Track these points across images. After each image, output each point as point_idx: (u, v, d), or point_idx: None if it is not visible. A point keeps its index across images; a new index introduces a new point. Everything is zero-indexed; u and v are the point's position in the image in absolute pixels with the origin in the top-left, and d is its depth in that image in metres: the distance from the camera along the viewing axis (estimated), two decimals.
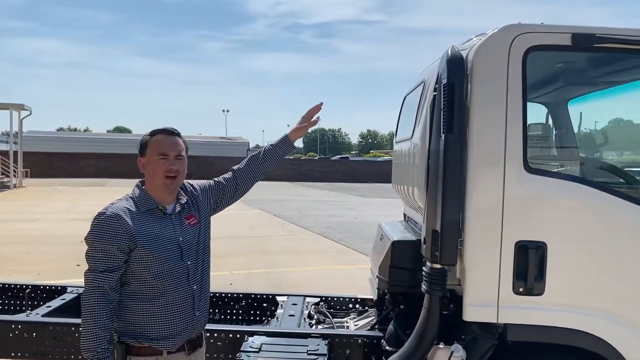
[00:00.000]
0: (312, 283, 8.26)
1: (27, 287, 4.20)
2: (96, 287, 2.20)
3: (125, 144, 51.31)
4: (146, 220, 2.32)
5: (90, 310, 2.20)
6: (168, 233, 2.36)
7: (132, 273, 2.29)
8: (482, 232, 2.64)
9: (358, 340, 3.27)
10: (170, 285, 2.32)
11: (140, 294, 2.30)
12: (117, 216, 2.25)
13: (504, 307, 2.65)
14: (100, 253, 2.23)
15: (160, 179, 2.36)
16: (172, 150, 2.39)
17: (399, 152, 3.90)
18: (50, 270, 8.43)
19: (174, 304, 2.34)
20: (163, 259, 2.30)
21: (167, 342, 2.33)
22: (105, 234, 2.23)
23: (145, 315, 2.30)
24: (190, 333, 2.43)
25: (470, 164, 2.63)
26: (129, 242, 2.24)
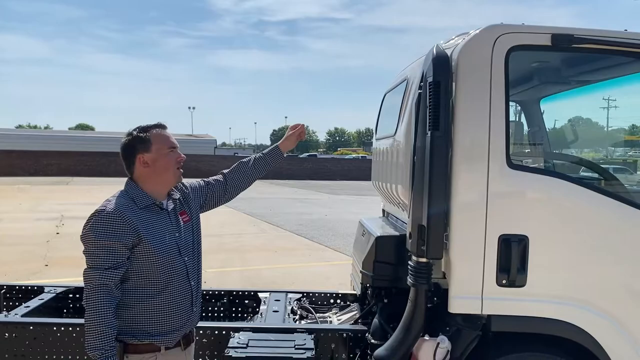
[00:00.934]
0: (287, 280, 8.28)
1: (2, 287, 4.11)
2: (102, 285, 2.19)
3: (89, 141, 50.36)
4: (146, 216, 2.33)
5: (96, 308, 2.18)
6: (166, 228, 2.38)
7: (134, 269, 2.29)
8: (467, 227, 2.72)
9: (343, 335, 3.32)
10: (171, 281, 2.34)
11: (141, 290, 2.30)
12: (119, 212, 2.24)
13: (487, 299, 2.73)
14: (104, 250, 2.21)
15: (172, 171, 2.40)
16: (175, 142, 2.45)
17: (379, 150, 3.95)
18: (17, 271, 8.21)
19: (174, 299, 2.36)
20: (165, 253, 2.32)
21: (166, 338, 2.35)
22: (108, 230, 2.21)
23: (145, 312, 2.31)
24: (188, 328, 2.47)
25: (455, 160, 2.70)
26: (133, 238, 2.24)
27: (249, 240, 12.39)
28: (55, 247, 10.48)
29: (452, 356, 2.76)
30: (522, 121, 3.97)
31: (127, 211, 2.27)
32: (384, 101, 4.19)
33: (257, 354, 2.94)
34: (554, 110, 4.09)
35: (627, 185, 3.32)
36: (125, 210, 2.27)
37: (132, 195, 2.36)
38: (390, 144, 3.48)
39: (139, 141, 2.37)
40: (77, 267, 2.65)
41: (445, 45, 2.93)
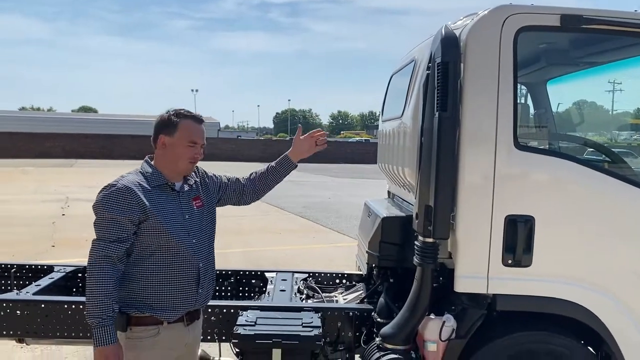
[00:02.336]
0: (291, 262, 8.35)
1: (12, 267, 4.16)
2: (105, 256, 2.25)
3: (92, 124, 50.36)
4: (157, 195, 2.39)
5: (97, 278, 2.24)
6: (175, 209, 2.45)
7: (141, 244, 2.36)
8: (473, 207, 2.74)
9: (349, 313, 3.36)
10: (176, 259, 2.40)
11: (146, 265, 2.37)
12: (128, 188, 2.31)
13: (493, 279, 2.76)
14: (110, 223, 2.28)
15: (184, 164, 2.46)
16: (201, 139, 2.49)
17: (385, 132, 3.96)
18: (24, 252, 8.30)
19: (178, 278, 2.42)
20: (171, 232, 2.37)
21: (168, 314, 2.41)
22: (116, 204, 2.28)
23: (149, 286, 2.38)
24: (192, 307, 2.52)
25: (462, 141, 2.72)
26: (140, 214, 2.31)
27: (253, 222, 12.46)
28: (61, 228, 10.57)
29: (458, 334, 2.81)
30: (529, 103, 3.98)
31: (137, 188, 2.33)
32: (391, 83, 4.19)
33: (265, 332, 2.98)
34: (560, 93, 4.09)
35: (634, 167, 3.34)
36: (135, 187, 2.33)
37: (145, 173, 2.44)
38: (397, 125, 3.49)
39: (168, 123, 2.45)
40: (83, 247, 2.69)
41: (454, 26, 2.93)
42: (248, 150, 44.70)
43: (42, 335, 3.33)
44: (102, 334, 2.23)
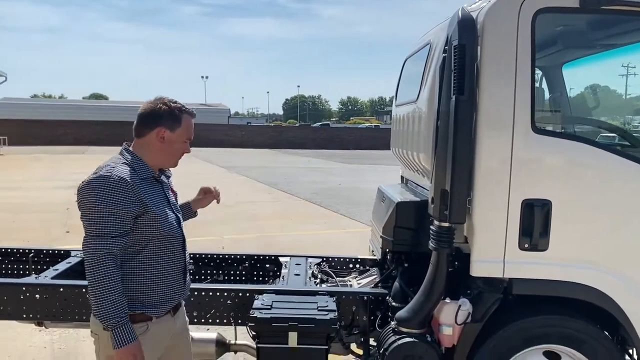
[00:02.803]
0: (303, 247, 8.38)
1: (30, 252, 4.21)
2: (108, 252, 2.13)
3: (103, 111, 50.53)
4: (147, 187, 2.30)
5: (106, 277, 2.12)
6: (163, 200, 2.40)
7: (135, 240, 2.25)
8: (490, 191, 2.73)
9: (364, 297, 3.38)
10: (169, 252, 2.36)
11: (136, 261, 2.28)
12: (125, 181, 2.19)
13: (509, 263, 2.76)
14: (110, 217, 2.14)
15: (176, 160, 2.43)
16: (192, 136, 2.45)
17: (399, 116, 3.94)
18: (39, 238, 8.40)
19: (169, 270, 2.38)
20: (167, 224, 2.34)
21: (158, 309, 2.36)
22: (116, 198, 2.15)
23: (140, 283, 2.29)
24: (179, 299, 2.50)
25: (479, 125, 2.70)
26: (139, 208, 2.21)
27: (264, 208, 12.50)
28: (75, 215, 10.50)
29: (474, 318, 2.81)
30: (544, 87, 3.94)
31: (132, 180, 2.22)
32: (404, 67, 4.16)
33: (281, 315, 3.00)
34: (575, 76, 4.04)
35: None
36: (130, 179, 2.21)
37: (131, 165, 2.30)
38: (411, 110, 3.47)
39: (171, 117, 2.33)
40: None
41: (471, 8, 2.89)
42: (258, 136, 44.72)
43: (61, 319, 3.38)
44: (124, 333, 2.14)
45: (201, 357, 3.55)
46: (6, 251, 4.25)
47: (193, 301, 3.31)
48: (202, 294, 3.34)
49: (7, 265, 4.23)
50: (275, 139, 44.66)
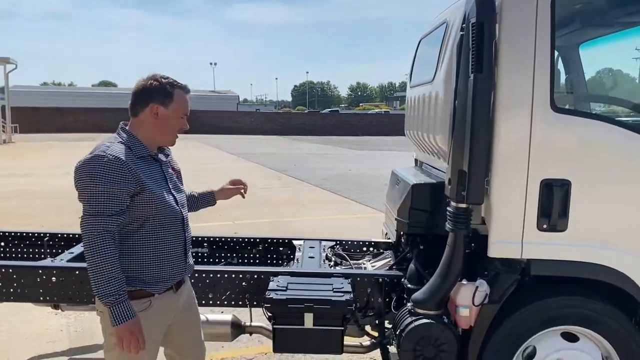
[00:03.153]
0: (315, 232, 8.38)
1: (45, 236, 4.24)
2: (105, 231, 2.14)
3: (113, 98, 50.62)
4: (144, 166, 2.31)
5: (104, 255, 2.13)
6: (162, 179, 2.41)
7: (132, 218, 2.26)
8: (508, 171, 2.70)
9: (379, 280, 3.37)
10: (168, 230, 2.36)
11: (135, 239, 2.29)
12: (120, 160, 2.19)
13: (527, 243, 2.73)
14: (107, 196, 2.16)
15: (172, 137, 2.42)
16: (188, 111, 2.44)
17: (414, 98, 3.90)
18: (51, 224, 8.45)
19: (169, 249, 2.37)
20: (165, 203, 2.33)
21: (159, 286, 2.37)
22: (110, 177, 2.16)
23: (139, 260, 2.30)
24: (180, 277, 2.50)
25: (498, 103, 2.66)
26: (135, 186, 2.22)
27: (275, 194, 12.52)
28: None
29: (491, 299, 2.80)
30: (562, 66, 3.87)
31: (128, 159, 2.22)
32: (419, 48, 4.10)
33: (296, 296, 3.00)
34: (593, 56, 3.97)
35: None
36: (126, 157, 2.22)
37: (128, 144, 2.31)
38: (427, 90, 3.43)
39: (162, 92, 2.33)
40: None
41: None
42: (267, 123, 44.67)
43: (77, 301, 3.40)
44: (121, 310, 2.16)
45: (217, 339, 3.57)
46: (21, 235, 4.27)
47: (208, 283, 3.33)
48: (218, 276, 3.35)
49: (22, 249, 4.26)
50: (284, 126, 44.58)
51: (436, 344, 2.83)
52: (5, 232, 4.32)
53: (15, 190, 12.17)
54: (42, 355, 4.11)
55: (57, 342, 4.35)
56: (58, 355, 4.11)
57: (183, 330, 2.63)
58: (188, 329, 2.67)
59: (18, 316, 4.78)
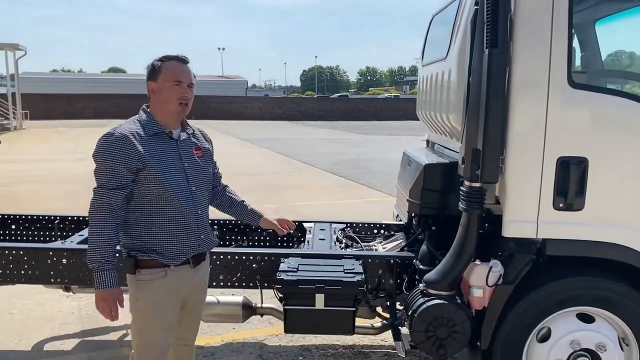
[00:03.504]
0: (325, 216, 8.31)
1: (55, 218, 4.24)
2: (104, 203, 2.30)
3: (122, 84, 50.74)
4: (153, 143, 2.40)
5: (97, 225, 2.30)
6: (173, 157, 2.45)
7: (140, 192, 2.37)
8: (524, 149, 2.64)
9: (390, 261, 3.33)
10: (173, 207, 2.40)
11: (146, 212, 2.39)
12: (125, 137, 2.32)
13: (543, 223, 2.68)
14: (109, 171, 2.31)
15: (174, 106, 2.43)
16: (186, 79, 2.45)
17: (426, 77, 3.83)
18: (63, 208, 8.47)
19: (179, 224, 2.43)
20: (170, 180, 2.38)
21: (171, 258, 2.43)
22: (113, 153, 2.30)
23: (151, 232, 2.40)
24: (194, 252, 2.53)
25: (513, 79, 2.59)
26: (137, 163, 2.32)
27: (285, 179, 12.49)
28: None
29: (505, 280, 2.75)
30: (578, 42, 3.78)
31: (134, 137, 2.34)
32: (431, 25, 4.02)
33: (307, 277, 2.98)
34: (608, 33, 3.87)
35: None
36: (132, 135, 2.34)
37: (142, 122, 2.44)
38: (440, 68, 3.36)
39: (151, 69, 2.45)
40: None
41: None
42: (276, 108, 44.55)
43: (88, 283, 3.40)
44: (102, 278, 2.30)
45: (227, 320, 3.56)
46: (32, 218, 4.28)
47: (219, 265, 3.31)
48: (229, 258, 3.33)
49: (33, 232, 4.28)
50: (293, 111, 44.46)
51: (449, 324, 2.79)
52: (16, 215, 4.34)
53: (27, 175, 12.25)
54: (54, 337, 4.13)
55: (69, 324, 4.37)
56: (70, 337, 4.13)
57: (194, 307, 2.69)
58: (197, 307, 2.72)
59: (31, 298, 4.81)
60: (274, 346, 4.00)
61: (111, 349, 3.96)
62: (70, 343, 4.04)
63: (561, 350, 2.77)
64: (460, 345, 2.83)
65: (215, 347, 3.97)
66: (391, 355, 3.84)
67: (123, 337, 4.15)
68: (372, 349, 3.96)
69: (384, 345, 4.01)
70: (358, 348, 3.95)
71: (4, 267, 3.36)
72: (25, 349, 3.94)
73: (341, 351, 3.91)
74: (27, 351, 3.90)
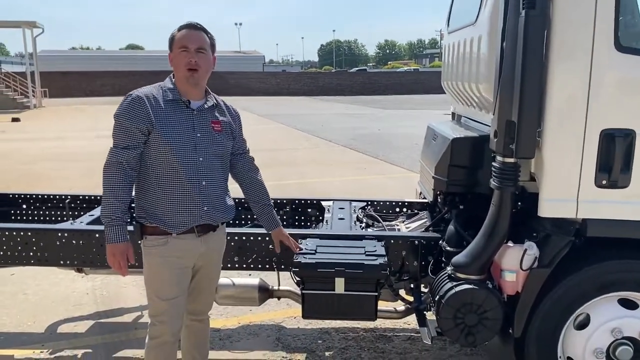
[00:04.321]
0: (344, 192, 8.17)
1: (66, 197, 4.12)
2: (115, 162, 2.36)
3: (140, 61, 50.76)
4: (168, 109, 2.42)
5: (108, 182, 2.36)
6: (186, 125, 2.44)
7: (148, 156, 2.41)
8: (564, 121, 2.39)
9: (415, 242, 3.14)
10: (178, 175, 2.41)
11: (151, 177, 2.43)
12: (139, 99, 2.37)
13: (584, 202, 2.45)
14: (122, 130, 2.38)
15: (182, 72, 2.42)
16: (192, 43, 2.42)
17: (453, 45, 3.57)
18: (81, 186, 8.45)
19: (181, 193, 2.43)
20: (175, 147, 2.39)
21: (173, 226, 2.44)
22: (128, 113, 2.36)
23: (154, 198, 2.44)
24: (198, 222, 2.49)
25: (553, 43, 2.34)
26: (147, 124, 2.36)
27: (303, 154, 12.31)
28: None
29: (540, 263, 2.54)
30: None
31: (148, 99, 2.38)
32: None
33: (326, 260, 2.80)
34: None
35: None
36: (146, 98, 2.38)
37: (163, 88, 2.48)
38: (468, 34, 3.10)
39: (170, 40, 2.48)
40: None
41: None
42: (294, 84, 44.14)
43: (98, 265, 3.28)
44: (111, 232, 2.38)
45: (244, 303, 3.42)
46: (43, 197, 4.16)
47: (233, 246, 3.15)
48: (244, 239, 3.17)
49: (44, 211, 4.16)
50: (311, 86, 44.02)
51: (479, 311, 2.60)
52: (27, 194, 4.23)
53: (46, 153, 12.26)
54: (68, 319, 4.04)
55: (83, 305, 4.28)
56: (84, 319, 4.04)
57: (206, 278, 2.69)
58: (204, 278, 2.69)
59: (45, 279, 4.73)
60: (293, 329, 3.86)
61: (125, 331, 3.85)
62: (84, 325, 3.95)
63: (601, 338, 2.57)
64: (491, 332, 2.64)
65: (231, 330, 3.84)
66: (415, 340, 3.68)
67: (137, 318, 4.05)
68: (395, 332, 3.80)
69: (406, 328, 3.85)
70: (380, 332, 3.79)
71: (12, 249, 3.25)
72: (39, 331, 3.86)
73: (362, 334, 3.76)
74: (40, 333, 3.82)
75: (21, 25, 27.33)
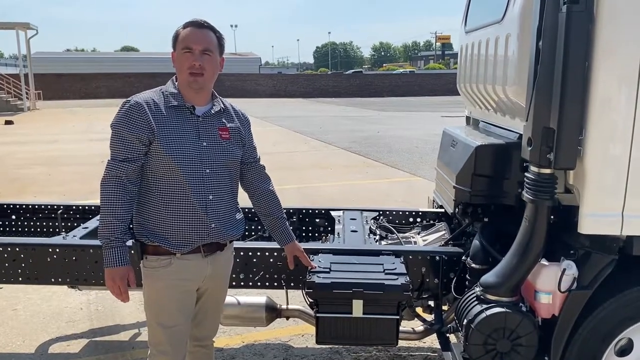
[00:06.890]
0: (346, 197, 7.94)
1: (59, 208, 3.87)
2: (114, 176, 2.14)
3: (135, 62, 50.41)
4: (170, 116, 2.20)
5: (106, 199, 2.15)
6: (190, 133, 2.21)
7: (150, 169, 2.19)
8: (609, 127, 2.16)
9: (435, 257, 2.91)
10: (183, 189, 2.18)
11: (153, 192, 2.20)
12: (139, 105, 2.15)
13: (630, 217, 2.21)
14: (120, 141, 2.15)
15: (184, 75, 2.20)
16: (197, 44, 2.18)
17: (472, 45, 3.34)
18: (75, 191, 8.20)
19: (185, 209, 2.20)
20: (180, 158, 2.16)
21: (177, 245, 2.22)
22: (126, 121, 2.15)
23: (156, 215, 2.21)
24: (205, 241, 2.27)
25: (597, 42, 2.11)
26: (148, 134, 2.14)
27: (302, 157, 12.07)
28: None
29: (579, 285, 2.31)
30: None
31: (148, 106, 2.16)
32: None
33: (343, 279, 2.56)
34: None
35: None
36: (147, 105, 2.16)
37: (164, 92, 2.25)
38: (493, 33, 2.88)
39: (173, 37, 2.26)
40: None
41: None
42: (290, 86, 43.89)
43: (93, 282, 3.03)
44: (110, 255, 2.15)
45: (250, 324, 3.18)
46: (34, 208, 3.91)
47: (239, 262, 2.92)
48: (249, 254, 2.94)
49: (35, 222, 3.91)
50: (308, 88, 43.78)
51: (512, 337, 2.36)
52: (17, 204, 3.98)
53: (40, 157, 11.97)
54: (60, 337, 3.79)
55: (76, 321, 4.02)
56: (77, 337, 3.78)
57: (211, 300, 2.47)
58: (210, 301, 2.47)
59: (37, 292, 4.48)
60: (301, 348, 3.61)
61: (122, 351, 3.60)
62: (77, 344, 3.69)
63: None
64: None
65: (235, 350, 3.60)
66: None
67: (135, 337, 3.80)
68: (410, 351, 3.57)
69: (422, 347, 3.61)
70: (394, 351, 3.55)
71: None
72: (29, 351, 3.60)
73: (375, 354, 3.52)
74: (30, 354, 3.56)
75: (15, 27, 26.99)
